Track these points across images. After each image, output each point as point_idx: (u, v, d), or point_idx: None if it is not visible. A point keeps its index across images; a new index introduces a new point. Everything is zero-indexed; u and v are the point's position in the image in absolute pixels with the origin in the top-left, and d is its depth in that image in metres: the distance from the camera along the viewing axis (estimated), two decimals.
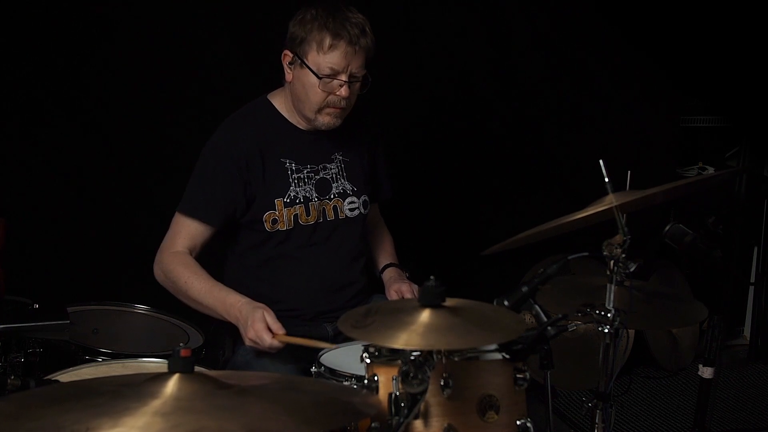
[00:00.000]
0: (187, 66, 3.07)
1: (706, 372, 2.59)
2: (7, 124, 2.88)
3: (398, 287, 2.45)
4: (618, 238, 1.74)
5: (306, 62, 2.27)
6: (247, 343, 2.17)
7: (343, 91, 2.27)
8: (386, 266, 2.59)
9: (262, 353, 2.20)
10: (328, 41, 2.23)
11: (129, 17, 2.97)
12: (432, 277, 1.55)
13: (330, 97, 2.28)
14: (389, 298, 2.47)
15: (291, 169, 2.38)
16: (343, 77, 2.26)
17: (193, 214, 2.33)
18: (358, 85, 2.32)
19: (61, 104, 2.93)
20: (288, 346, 2.30)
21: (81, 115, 2.97)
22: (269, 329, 2.13)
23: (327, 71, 2.25)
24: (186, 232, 2.34)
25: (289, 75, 2.35)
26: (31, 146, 2.92)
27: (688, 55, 3.77)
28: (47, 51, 2.88)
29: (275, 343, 2.12)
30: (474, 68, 3.63)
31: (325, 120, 2.33)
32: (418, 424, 1.56)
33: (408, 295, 2.41)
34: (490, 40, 3.61)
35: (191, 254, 2.32)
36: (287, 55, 2.33)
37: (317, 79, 2.26)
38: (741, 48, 3.77)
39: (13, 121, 2.89)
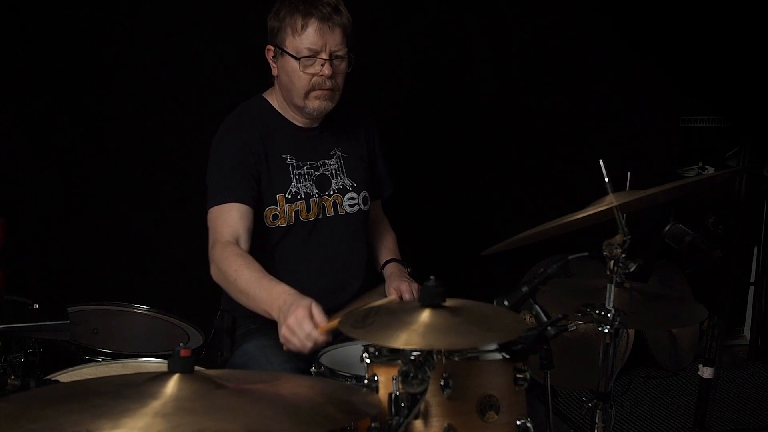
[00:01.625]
0: (186, 67, 3.07)
1: (706, 372, 2.59)
2: (8, 124, 2.88)
3: (397, 285, 2.41)
4: (618, 238, 1.74)
5: (285, 49, 2.28)
6: (282, 332, 1.96)
7: (326, 70, 2.27)
8: (388, 261, 2.57)
9: (287, 353, 2.06)
10: (300, 22, 2.25)
11: (130, 20, 2.97)
12: (432, 277, 1.55)
13: (314, 79, 2.28)
14: (388, 295, 2.44)
15: (292, 164, 2.38)
16: (323, 56, 2.26)
17: (225, 199, 2.27)
18: (343, 64, 2.31)
19: (60, 104, 2.93)
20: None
21: (80, 116, 2.97)
22: (312, 320, 1.94)
23: (305, 52, 2.26)
24: (227, 220, 2.25)
25: (274, 69, 2.36)
26: (31, 146, 2.92)
27: (688, 56, 3.77)
28: (48, 51, 2.88)
29: (314, 333, 1.90)
30: (473, 68, 3.63)
31: (314, 104, 2.32)
32: (418, 424, 1.56)
33: (407, 295, 2.38)
34: (489, 40, 3.61)
35: (239, 242, 2.23)
36: (270, 50, 2.35)
37: (297, 61, 2.26)
38: (741, 48, 3.77)
39: (14, 121, 2.89)
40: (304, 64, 2.27)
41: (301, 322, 1.93)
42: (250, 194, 2.29)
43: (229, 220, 2.25)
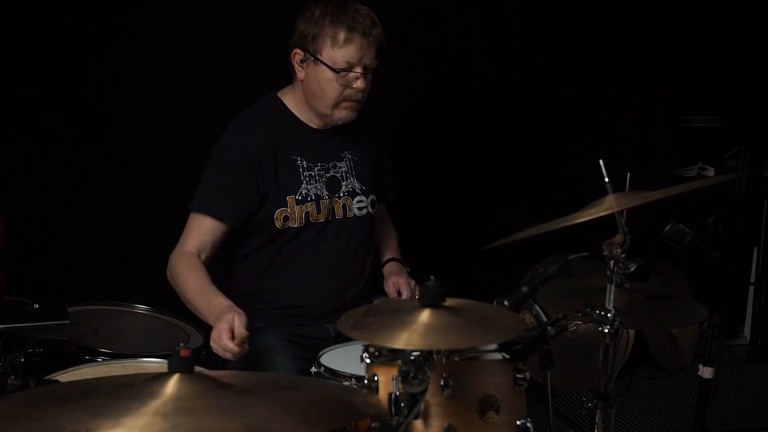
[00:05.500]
0: (190, 65, 3.07)
1: (706, 372, 2.60)
2: (7, 124, 2.88)
3: (396, 280, 2.46)
4: (618, 238, 1.74)
5: (320, 58, 2.27)
6: (210, 343, 2.07)
7: (360, 84, 2.28)
8: (388, 260, 2.61)
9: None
10: (343, 35, 2.24)
11: (133, 16, 2.97)
12: (432, 277, 1.55)
13: (347, 90, 2.29)
14: (386, 290, 2.48)
15: (302, 166, 2.38)
16: (359, 69, 2.27)
17: (205, 210, 2.32)
18: (370, 76, 2.32)
19: (61, 103, 2.93)
20: (287, 346, 2.30)
21: (81, 115, 2.97)
22: (232, 332, 2.02)
23: (343, 65, 2.26)
24: (197, 230, 2.32)
25: (300, 73, 2.34)
26: (32, 146, 2.92)
27: (688, 55, 3.77)
28: (49, 50, 2.88)
29: (230, 345, 1.99)
30: (474, 68, 3.63)
31: (342, 114, 2.33)
32: (418, 424, 1.56)
33: (405, 289, 2.42)
34: (490, 40, 3.61)
35: (201, 254, 2.30)
36: (298, 54, 2.33)
37: (333, 73, 2.26)
38: (741, 48, 3.77)
39: (14, 121, 2.89)
40: (341, 77, 2.27)
41: (220, 336, 2.02)
42: (233, 212, 2.32)
43: (198, 231, 2.31)
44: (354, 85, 2.28)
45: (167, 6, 3.00)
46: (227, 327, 2.02)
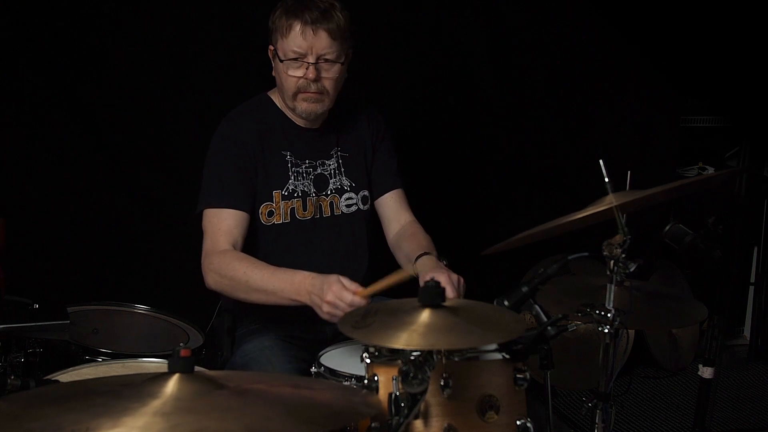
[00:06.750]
0: (187, 66, 3.07)
1: (706, 372, 2.59)
2: (8, 124, 2.88)
3: (432, 277, 2.24)
4: (618, 238, 1.74)
5: (276, 50, 2.30)
6: (325, 309, 2.01)
7: (309, 73, 2.26)
8: (420, 256, 2.36)
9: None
10: (285, 25, 2.26)
11: (132, 18, 2.97)
12: (432, 277, 1.55)
13: (300, 81, 2.29)
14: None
15: (291, 161, 2.38)
16: (310, 59, 2.26)
17: (222, 204, 2.28)
18: (334, 68, 2.29)
19: (61, 104, 2.93)
20: (284, 347, 2.29)
21: (81, 116, 2.97)
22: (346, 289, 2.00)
23: (291, 54, 2.27)
24: (224, 227, 2.27)
25: (274, 70, 2.37)
26: (31, 146, 2.92)
27: (688, 55, 3.77)
28: (48, 50, 2.88)
29: (356, 299, 1.96)
30: (474, 68, 3.63)
31: (302, 106, 2.33)
32: (418, 424, 1.56)
33: (449, 290, 2.08)
34: (490, 40, 3.61)
35: (236, 249, 2.25)
36: (270, 50, 2.37)
37: (282, 63, 2.28)
38: (741, 48, 3.77)
39: (14, 121, 2.89)
40: (287, 66, 2.28)
41: (340, 294, 1.98)
42: (247, 199, 2.30)
43: (225, 227, 2.26)
44: (305, 76, 2.27)
45: (166, 8, 3.00)
46: (340, 287, 1.99)
